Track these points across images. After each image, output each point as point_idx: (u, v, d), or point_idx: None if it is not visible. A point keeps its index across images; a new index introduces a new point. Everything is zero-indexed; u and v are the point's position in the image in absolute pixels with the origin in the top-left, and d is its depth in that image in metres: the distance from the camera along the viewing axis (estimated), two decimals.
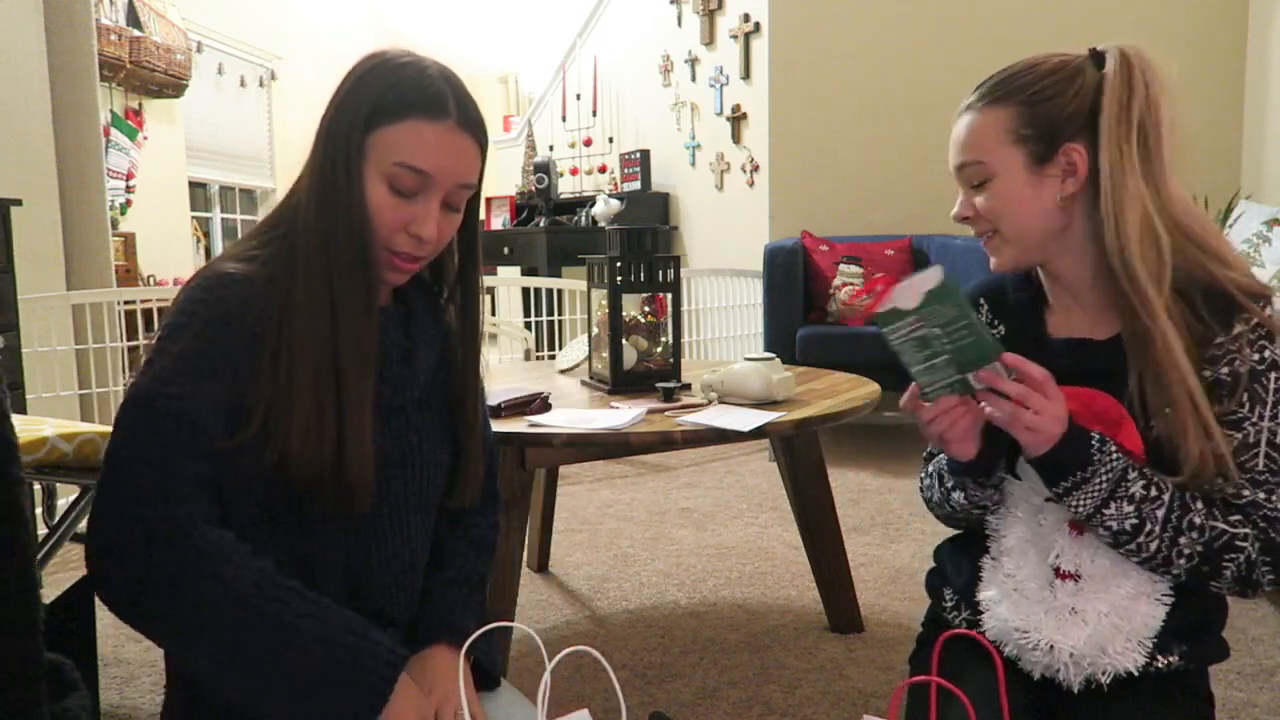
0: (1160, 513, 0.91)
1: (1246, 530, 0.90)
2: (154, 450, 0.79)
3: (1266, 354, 0.92)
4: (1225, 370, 0.92)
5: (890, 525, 2.81)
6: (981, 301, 1.12)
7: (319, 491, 0.87)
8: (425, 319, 1.02)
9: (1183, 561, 0.91)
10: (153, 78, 5.18)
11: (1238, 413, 0.92)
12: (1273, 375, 0.92)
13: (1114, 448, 0.92)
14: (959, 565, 1.09)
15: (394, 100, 0.88)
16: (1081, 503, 0.92)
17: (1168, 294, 0.92)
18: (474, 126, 0.92)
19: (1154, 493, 0.91)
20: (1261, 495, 0.91)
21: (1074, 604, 0.97)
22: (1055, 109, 0.97)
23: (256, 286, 0.86)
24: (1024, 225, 1.00)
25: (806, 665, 1.90)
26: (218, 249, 6.93)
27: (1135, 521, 0.91)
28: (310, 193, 0.90)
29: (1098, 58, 0.98)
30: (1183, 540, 0.90)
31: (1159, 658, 0.96)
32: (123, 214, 5.43)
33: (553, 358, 3.18)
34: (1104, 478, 0.91)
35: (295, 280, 0.88)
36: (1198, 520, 0.90)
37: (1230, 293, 0.92)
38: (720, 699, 1.77)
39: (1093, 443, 0.92)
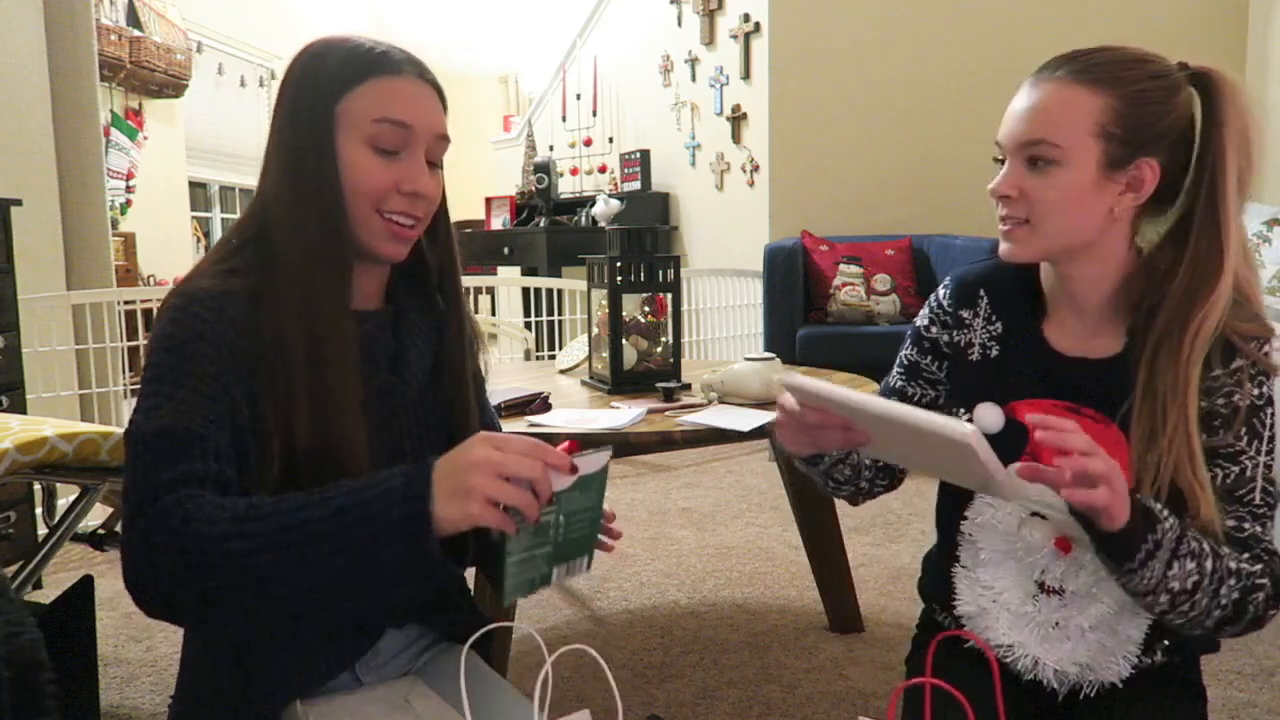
0: (1208, 564, 0.82)
1: (1260, 567, 0.86)
2: (144, 469, 0.78)
3: (1265, 389, 0.90)
4: (1221, 402, 0.90)
5: (890, 525, 2.81)
6: (982, 293, 1.03)
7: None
8: (418, 320, 1.00)
9: (1218, 612, 0.83)
10: (153, 78, 5.19)
11: (1236, 445, 0.90)
12: (1268, 411, 0.91)
13: (1158, 506, 0.83)
14: (940, 577, 1.06)
15: (353, 67, 0.88)
16: (1152, 571, 0.80)
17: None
18: (430, 78, 0.92)
19: (1200, 545, 0.83)
20: (1260, 529, 0.89)
21: (1058, 618, 0.95)
22: (1153, 117, 0.88)
23: (235, 300, 0.84)
24: (1068, 226, 0.91)
25: (806, 665, 1.90)
26: None
27: (1196, 578, 0.81)
28: (281, 184, 0.88)
29: (1197, 79, 0.91)
30: (1223, 590, 0.83)
31: (1144, 659, 0.95)
32: (123, 214, 5.44)
33: (553, 358, 3.17)
34: (1169, 540, 0.81)
35: (276, 284, 0.86)
36: (1233, 565, 0.84)
37: (1229, 339, 0.90)
38: (720, 699, 1.77)
39: (1152, 507, 0.81)
